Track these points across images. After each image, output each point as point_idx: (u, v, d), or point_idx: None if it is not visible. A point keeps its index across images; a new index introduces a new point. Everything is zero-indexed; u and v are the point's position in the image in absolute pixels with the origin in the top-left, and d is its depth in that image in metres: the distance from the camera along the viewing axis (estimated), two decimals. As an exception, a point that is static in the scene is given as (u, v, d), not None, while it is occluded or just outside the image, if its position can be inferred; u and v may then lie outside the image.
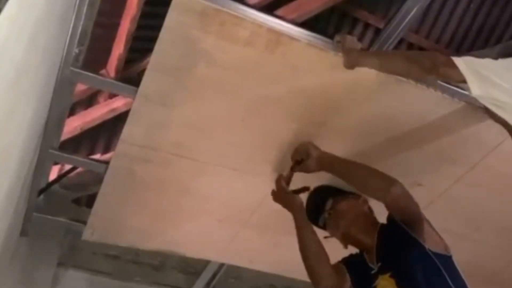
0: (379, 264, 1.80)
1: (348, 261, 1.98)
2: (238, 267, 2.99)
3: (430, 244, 1.74)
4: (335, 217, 2.04)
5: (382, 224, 1.94)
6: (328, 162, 1.97)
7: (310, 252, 1.95)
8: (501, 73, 1.48)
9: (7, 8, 0.60)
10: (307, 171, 2.01)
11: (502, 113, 1.55)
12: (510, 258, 2.84)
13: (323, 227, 2.09)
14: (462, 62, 1.49)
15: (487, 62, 1.53)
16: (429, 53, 1.63)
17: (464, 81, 1.49)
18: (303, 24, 2.95)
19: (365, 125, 2.04)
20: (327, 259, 1.94)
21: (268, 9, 3.04)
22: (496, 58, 1.56)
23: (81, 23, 1.75)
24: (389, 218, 1.88)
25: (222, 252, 2.79)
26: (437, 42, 3.83)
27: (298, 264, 2.89)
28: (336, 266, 1.95)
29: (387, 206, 1.82)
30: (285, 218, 2.52)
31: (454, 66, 1.49)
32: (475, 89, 1.48)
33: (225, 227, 2.57)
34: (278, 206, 2.43)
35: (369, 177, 1.86)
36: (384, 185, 1.78)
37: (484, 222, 2.60)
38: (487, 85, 1.47)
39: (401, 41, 3.61)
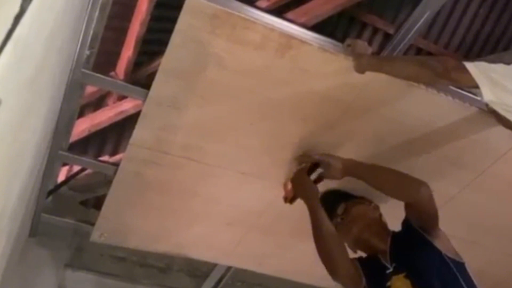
0: (394, 264, 1.81)
1: (360, 259, 1.98)
2: (245, 271, 2.99)
3: (446, 250, 1.75)
4: (348, 222, 2.05)
5: (394, 231, 1.95)
6: (353, 168, 1.97)
7: (328, 240, 1.92)
8: None
9: (31, 7, 0.60)
10: (330, 178, 2.01)
11: None
12: (519, 264, 2.83)
13: None
14: (474, 67, 1.48)
15: (499, 67, 1.52)
16: (441, 58, 1.61)
17: (476, 86, 1.48)
18: (312, 28, 2.96)
19: (374, 129, 2.04)
20: (345, 249, 1.94)
21: (278, 13, 3.05)
22: (508, 63, 1.56)
23: (93, 26, 1.77)
24: (405, 223, 1.89)
25: (229, 255, 2.79)
26: (446, 47, 3.83)
27: (305, 268, 2.90)
28: (351, 260, 1.94)
29: (412, 207, 1.84)
30: (293, 221, 2.53)
31: (465, 71, 1.48)
32: (487, 94, 1.47)
33: (233, 230, 2.57)
34: (285, 210, 2.43)
35: (400, 178, 1.89)
36: (415, 185, 1.82)
37: (492, 229, 2.59)
38: (499, 90, 1.46)
39: (410, 46, 3.61)
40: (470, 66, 1.49)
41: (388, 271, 1.81)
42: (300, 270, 2.92)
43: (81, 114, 3.03)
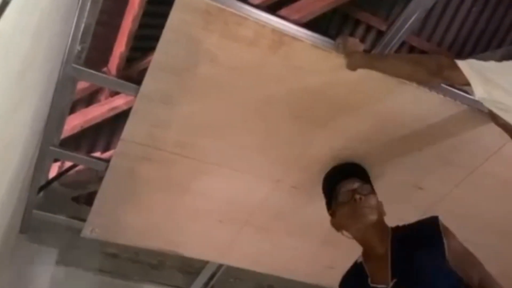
0: (394, 280, 1.71)
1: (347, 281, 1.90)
2: (237, 268, 2.99)
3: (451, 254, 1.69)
4: (362, 206, 1.88)
5: (394, 230, 1.87)
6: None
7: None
8: (505, 76, 1.48)
9: (14, 1, 0.60)
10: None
11: (506, 116, 1.54)
12: (510, 262, 2.84)
13: (332, 213, 1.99)
14: (466, 65, 1.48)
15: (491, 64, 1.52)
16: (434, 56, 1.62)
17: (468, 84, 1.48)
18: (305, 25, 2.96)
19: (366, 126, 2.04)
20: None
21: (271, 10, 3.04)
22: (500, 61, 1.56)
23: (84, 20, 1.75)
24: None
25: (221, 253, 2.79)
26: (439, 45, 3.84)
27: (298, 266, 2.91)
28: None
29: None
30: (286, 219, 2.53)
31: (458, 68, 1.48)
32: (479, 91, 1.47)
33: (226, 227, 2.57)
34: (279, 207, 2.43)
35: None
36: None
37: (484, 226, 2.60)
38: (491, 87, 1.46)
39: (402, 44, 3.61)
40: (463, 64, 1.49)
41: None
42: (293, 268, 2.92)
43: (73, 110, 3.02)
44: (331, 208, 1.99)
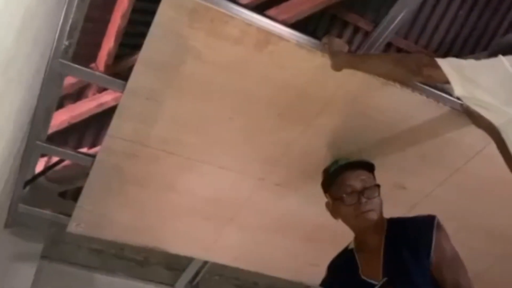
0: (385, 279, 1.71)
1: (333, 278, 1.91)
2: (222, 265, 3.01)
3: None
4: (365, 202, 1.85)
5: (389, 222, 1.86)
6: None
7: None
8: (484, 74, 1.49)
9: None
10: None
11: (486, 114, 1.56)
12: (491, 261, 2.88)
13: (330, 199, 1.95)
14: (446, 63, 1.50)
15: (470, 62, 1.54)
16: (414, 55, 1.64)
17: (448, 82, 1.50)
18: (293, 26, 2.97)
19: (350, 126, 2.06)
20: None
21: (260, 9, 3.06)
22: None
23: (72, 15, 1.76)
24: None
25: (206, 249, 2.81)
26: (426, 48, 3.87)
27: (282, 263, 2.93)
28: None
29: None
30: (271, 217, 2.55)
31: (438, 67, 1.50)
32: (459, 89, 1.49)
33: (210, 224, 2.58)
34: (262, 205, 2.45)
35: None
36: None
37: (466, 225, 2.63)
38: (470, 85, 1.48)
39: (390, 46, 3.65)
40: (442, 62, 1.51)
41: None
42: (277, 265, 2.95)
43: (61, 105, 3.02)
44: (329, 192, 1.95)
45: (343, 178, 1.91)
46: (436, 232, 1.76)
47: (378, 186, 1.91)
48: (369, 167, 1.98)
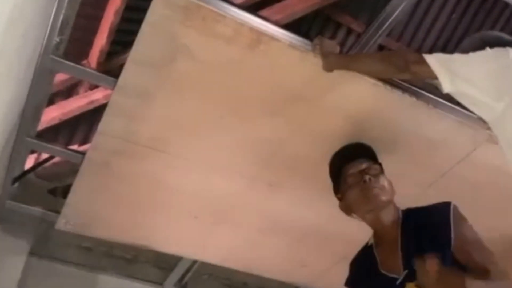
0: (406, 271, 1.66)
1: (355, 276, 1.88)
2: (211, 264, 3.00)
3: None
4: (375, 192, 1.81)
5: (404, 213, 1.83)
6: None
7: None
8: (471, 67, 1.49)
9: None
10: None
11: (475, 109, 1.56)
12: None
13: (341, 197, 1.91)
14: (433, 59, 1.50)
15: (457, 56, 1.53)
16: (401, 52, 1.64)
17: (436, 78, 1.50)
18: (286, 26, 2.98)
19: (340, 127, 2.06)
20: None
21: (253, 9, 3.07)
22: (466, 51, 1.56)
23: (63, 11, 1.75)
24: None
25: (195, 249, 2.80)
26: (418, 51, 3.89)
27: (272, 264, 2.93)
28: None
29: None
30: (261, 216, 2.55)
31: (425, 63, 1.50)
32: (447, 85, 1.49)
33: (200, 223, 2.58)
34: (253, 205, 2.45)
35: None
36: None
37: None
38: (458, 81, 1.47)
39: (382, 48, 3.66)
40: (429, 58, 1.50)
41: (398, 282, 1.66)
42: (267, 265, 2.94)
43: (52, 102, 3.01)
44: (339, 191, 1.91)
45: (345, 170, 1.88)
46: (454, 218, 1.72)
47: (380, 164, 1.89)
48: (368, 154, 1.96)
